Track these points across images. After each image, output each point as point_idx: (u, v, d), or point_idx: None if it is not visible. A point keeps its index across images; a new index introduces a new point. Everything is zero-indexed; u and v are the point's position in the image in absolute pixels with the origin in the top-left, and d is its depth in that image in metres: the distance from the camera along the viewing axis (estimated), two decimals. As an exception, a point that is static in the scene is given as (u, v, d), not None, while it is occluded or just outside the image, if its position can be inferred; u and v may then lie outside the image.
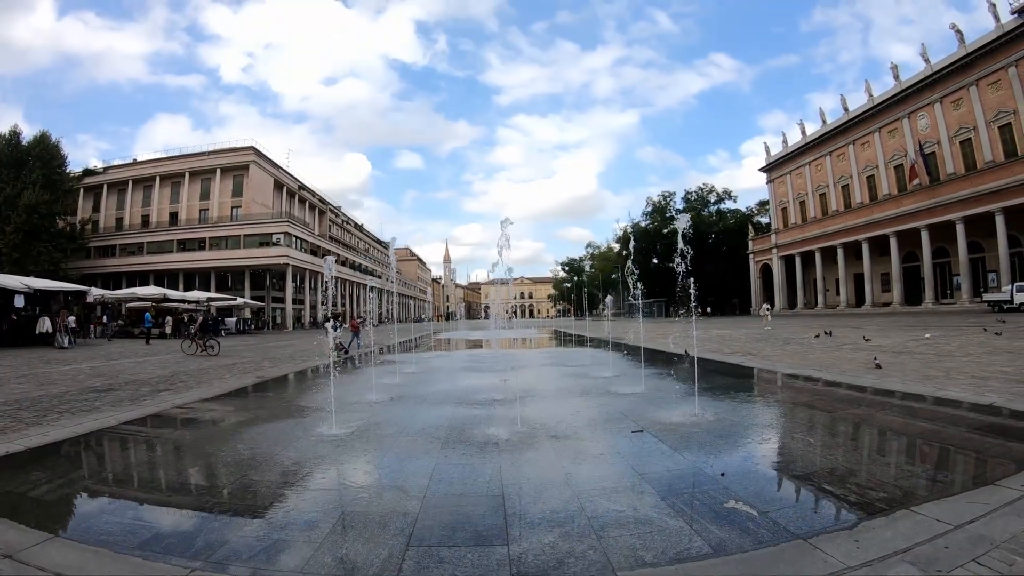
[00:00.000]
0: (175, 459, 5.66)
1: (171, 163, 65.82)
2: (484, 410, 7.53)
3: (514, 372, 12.36)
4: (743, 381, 10.30)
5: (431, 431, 6.23)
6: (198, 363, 16.98)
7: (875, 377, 9.67)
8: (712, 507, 3.70)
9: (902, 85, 45.12)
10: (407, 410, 7.75)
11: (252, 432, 6.52)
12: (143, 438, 6.64)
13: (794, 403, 7.60)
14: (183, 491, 4.52)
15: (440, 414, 7.29)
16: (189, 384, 11.68)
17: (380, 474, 4.78)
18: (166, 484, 4.80)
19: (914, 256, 45.75)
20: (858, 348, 15.00)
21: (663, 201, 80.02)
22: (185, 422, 7.54)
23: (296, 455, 5.29)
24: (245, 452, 5.49)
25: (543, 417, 6.82)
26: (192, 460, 5.51)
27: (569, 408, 7.49)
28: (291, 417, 7.43)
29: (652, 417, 6.68)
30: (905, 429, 5.98)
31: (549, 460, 4.95)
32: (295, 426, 6.75)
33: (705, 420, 6.37)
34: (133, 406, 8.50)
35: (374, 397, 8.66)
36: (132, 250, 63.86)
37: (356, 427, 6.51)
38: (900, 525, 3.25)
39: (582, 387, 9.62)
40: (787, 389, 9.05)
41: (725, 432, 5.87)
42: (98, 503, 4.22)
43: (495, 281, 13.73)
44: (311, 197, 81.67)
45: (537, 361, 16.08)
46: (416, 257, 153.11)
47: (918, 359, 12.10)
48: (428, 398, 8.82)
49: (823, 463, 4.71)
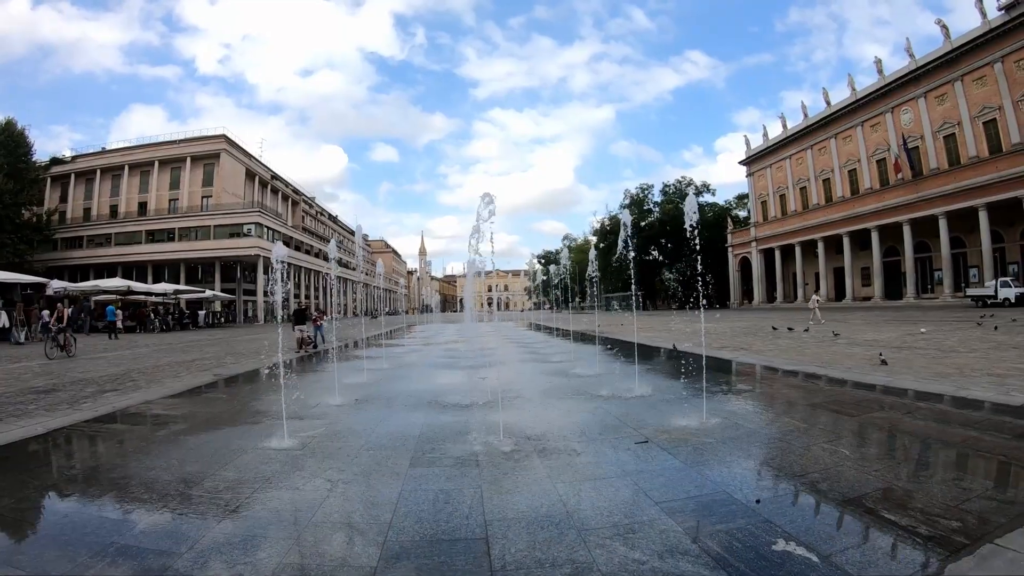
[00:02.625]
0: (83, 482, 4.61)
1: (140, 151, 63.25)
2: (461, 416, 6.59)
3: (492, 369, 11.42)
4: (745, 380, 9.46)
5: (398, 444, 5.30)
6: (155, 359, 15.89)
7: (884, 374, 8.99)
8: (758, 551, 2.86)
9: (886, 79, 44.80)
10: (372, 416, 6.79)
11: (190, 444, 5.56)
12: (63, 452, 5.65)
13: (811, 405, 6.76)
14: (53, 539, 3.52)
15: (410, 421, 6.34)
16: (139, 383, 10.67)
17: (331, 506, 3.78)
18: (47, 522, 3.80)
19: (895, 251, 45.68)
20: (854, 343, 14.38)
21: (641, 193, 79.21)
22: (117, 431, 6.56)
23: (233, 476, 4.34)
24: (172, 473, 4.52)
25: (529, 424, 5.93)
26: (104, 485, 4.43)
27: (558, 413, 6.61)
28: (240, 424, 6.47)
29: (654, 423, 5.83)
30: (943, 436, 5.24)
31: (541, 484, 4.04)
32: (242, 436, 5.78)
33: (715, 427, 5.55)
34: (70, 410, 7.56)
35: (337, 399, 7.68)
36: (100, 241, 61.39)
37: (312, 437, 5.56)
38: (993, 566, 2.61)
39: (569, 387, 8.71)
40: (796, 388, 8.21)
41: (743, 442, 5.04)
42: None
43: (473, 263, 12.43)
44: (284, 187, 79.42)
45: (516, 356, 15.04)
46: (391, 249, 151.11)
47: (922, 355, 11.48)
48: (397, 400, 7.87)
49: (870, 482, 3.91)
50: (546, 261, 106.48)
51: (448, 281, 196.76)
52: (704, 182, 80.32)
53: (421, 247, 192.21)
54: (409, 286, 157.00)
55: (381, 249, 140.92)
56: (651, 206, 77.02)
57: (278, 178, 77.10)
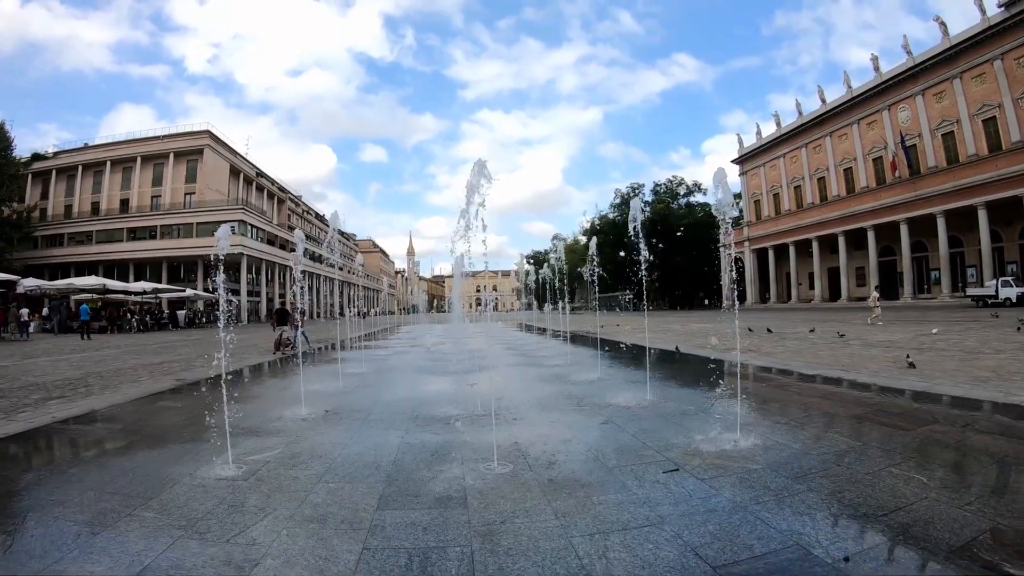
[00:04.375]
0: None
1: (123, 147, 61.50)
2: (445, 433, 5.53)
3: (482, 374, 10.36)
4: (767, 386, 8.42)
5: (367, 473, 4.28)
6: (122, 362, 14.87)
7: (917, 378, 8.16)
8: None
9: (883, 76, 44.23)
10: (341, 433, 5.73)
11: (116, 468, 4.58)
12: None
13: (855, 417, 5.79)
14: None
15: (385, 441, 5.30)
16: (93, 389, 9.70)
17: (273, 568, 2.78)
18: None
19: (891, 250, 45.13)
20: (868, 344, 13.52)
21: (632, 193, 78.37)
22: (39, 448, 5.59)
23: (150, 519, 3.34)
24: (79, 511, 3.52)
25: (529, 445, 4.93)
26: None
27: (562, 429, 5.58)
28: (186, 441, 5.45)
29: (679, 443, 4.86)
30: (1021, 454, 4.29)
31: (553, 538, 3.01)
32: (182, 459, 4.76)
33: (755, 449, 4.58)
34: (4, 421, 6.66)
35: (304, 411, 6.61)
36: (80, 239, 59.67)
37: (263, 463, 4.55)
38: None
39: (571, 396, 7.64)
40: (829, 397, 7.20)
41: (794, 468, 4.07)
42: None
43: (461, 261, 11.48)
44: (270, 185, 77.69)
45: (509, 359, 13.83)
46: (379, 249, 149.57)
47: (947, 357, 10.68)
48: (372, 413, 6.79)
49: (970, 521, 3.01)
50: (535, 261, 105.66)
51: (436, 281, 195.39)
52: (695, 182, 79.84)
53: (409, 247, 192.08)
54: (397, 286, 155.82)
55: (369, 249, 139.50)
56: (642, 205, 76.23)
57: (263, 175, 75.45)
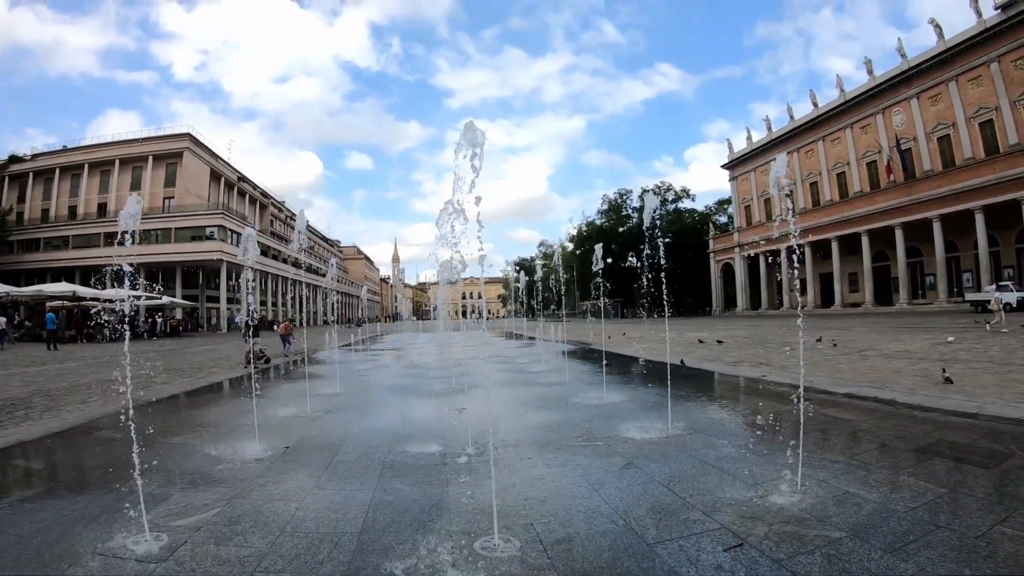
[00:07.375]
0: None
1: (101, 150, 59.85)
2: (428, 486, 4.38)
3: (472, 395, 9.23)
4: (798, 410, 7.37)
5: (323, 555, 3.17)
6: (81, 376, 13.73)
7: (961, 396, 7.20)
8: None
9: (876, 80, 43.78)
10: (297, 485, 4.52)
11: (17, 533, 3.50)
12: None
13: (916, 451, 4.75)
14: None
15: (350, 498, 4.14)
16: (33, 412, 8.50)
17: None
18: None
19: (884, 256, 44.58)
20: (888, 356, 12.60)
21: (619, 199, 77.75)
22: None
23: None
24: None
25: (536, 504, 3.86)
26: None
27: (574, 479, 4.43)
28: (102, 492, 4.32)
29: (728, 499, 3.84)
30: None
31: None
32: (90, 522, 3.67)
33: (824, 505, 3.60)
34: None
35: (258, 448, 5.49)
36: (57, 244, 57.85)
37: (191, 530, 3.46)
38: None
39: (579, 426, 6.52)
40: (875, 423, 6.16)
41: (887, 537, 3.06)
42: None
43: (447, 264, 10.79)
44: (252, 190, 75.96)
45: (500, 377, 12.31)
46: (364, 256, 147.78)
47: (978, 369, 9.81)
48: (341, 450, 5.59)
49: None
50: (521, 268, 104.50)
51: (421, 288, 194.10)
52: (684, 188, 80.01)
53: (394, 254, 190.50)
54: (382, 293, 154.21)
55: (354, 256, 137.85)
56: (629, 211, 75.41)
57: (245, 180, 73.75)
